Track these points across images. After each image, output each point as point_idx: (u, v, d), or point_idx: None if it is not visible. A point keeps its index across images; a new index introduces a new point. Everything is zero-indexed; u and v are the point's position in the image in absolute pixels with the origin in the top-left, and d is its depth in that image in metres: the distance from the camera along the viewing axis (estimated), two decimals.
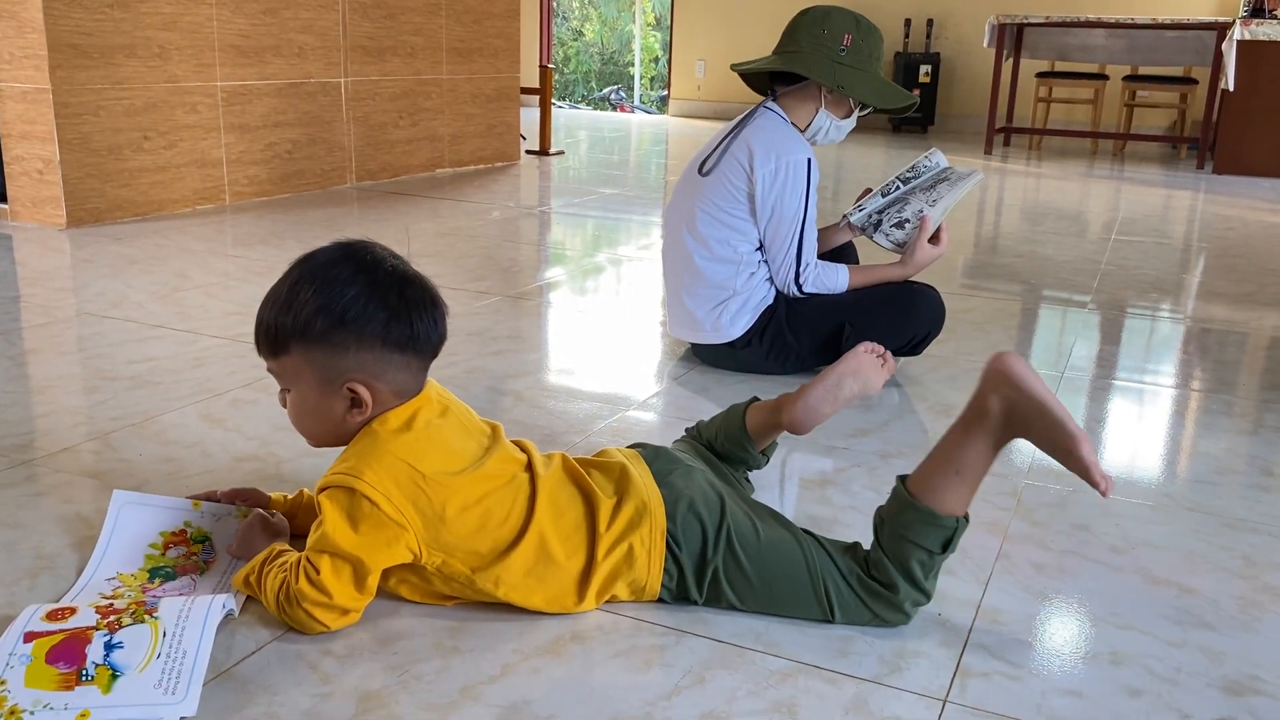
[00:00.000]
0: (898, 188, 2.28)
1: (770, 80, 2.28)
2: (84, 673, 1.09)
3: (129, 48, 3.74)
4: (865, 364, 1.52)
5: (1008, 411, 1.24)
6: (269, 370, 1.31)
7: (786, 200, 2.15)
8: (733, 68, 2.30)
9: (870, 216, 2.28)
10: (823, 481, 1.74)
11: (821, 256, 2.32)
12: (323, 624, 1.23)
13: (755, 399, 1.55)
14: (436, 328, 1.29)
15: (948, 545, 1.26)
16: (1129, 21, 6.79)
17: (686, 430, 1.62)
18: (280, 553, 1.29)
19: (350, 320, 1.23)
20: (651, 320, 2.76)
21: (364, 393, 1.25)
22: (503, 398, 2.11)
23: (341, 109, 4.71)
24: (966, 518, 1.27)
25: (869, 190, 2.36)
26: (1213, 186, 5.88)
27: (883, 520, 1.29)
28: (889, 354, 1.55)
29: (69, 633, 1.14)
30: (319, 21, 4.52)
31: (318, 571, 1.21)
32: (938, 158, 2.30)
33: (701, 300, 2.24)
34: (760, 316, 2.22)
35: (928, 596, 1.29)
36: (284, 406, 1.32)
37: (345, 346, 1.24)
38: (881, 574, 1.27)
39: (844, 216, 2.34)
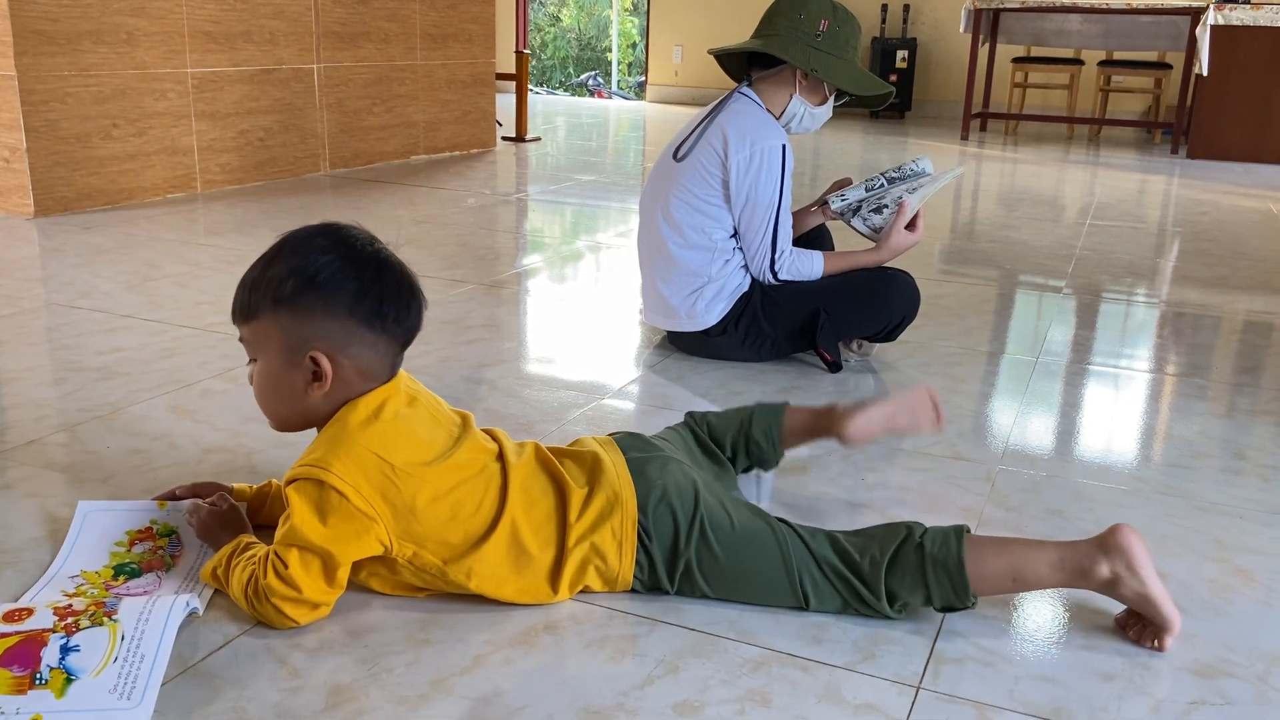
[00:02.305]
0: (882, 184, 2.27)
1: (747, 66, 2.26)
2: (38, 676, 1.07)
3: (96, 33, 3.69)
4: (923, 404, 1.58)
5: (1112, 581, 1.24)
6: (240, 340, 1.30)
7: (761, 187, 2.14)
8: (710, 52, 2.29)
9: (850, 204, 2.27)
10: (797, 467, 1.74)
11: (796, 241, 2.31)
12: (292, 619, 1.21)
13: (787, 404, 1.59)
14: (409, 313, 1.28)
15: (943, 609, 1.27)
16: (1104, 6, 6.80)
17: (688, 415, 1.61)
18: (247, 545, 1.27)
19: (320, 284, 1.22)
20: (628, 308, 2.75)
21: (325, 364, 1.23)
22: (478, 386, 2.10)
23: (314, 95, 4.67)
24: (976, 601, 1.27)
25: (849, 181, 2.35)
26: (1187, 171, 5.92)
27: (919, 545, 1.26)
28: (943, 410, 1.60)
29: (24, 635, 1.12)
30: (290, 7, 4.47)
31: (286, 565, 1.19)
32: (925, 164, 2.29)
33: (676, 287, 2.23)
34: (736, 304, 2.21)
35: (889, 618, 1.28)
36: (252, 382, 1.31)
37: (312, 311, 1.23)
38: (871, 577, 1.26)
39: (823, 198, 2.32)
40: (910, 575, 1.26)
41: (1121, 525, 1.26)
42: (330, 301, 1.23)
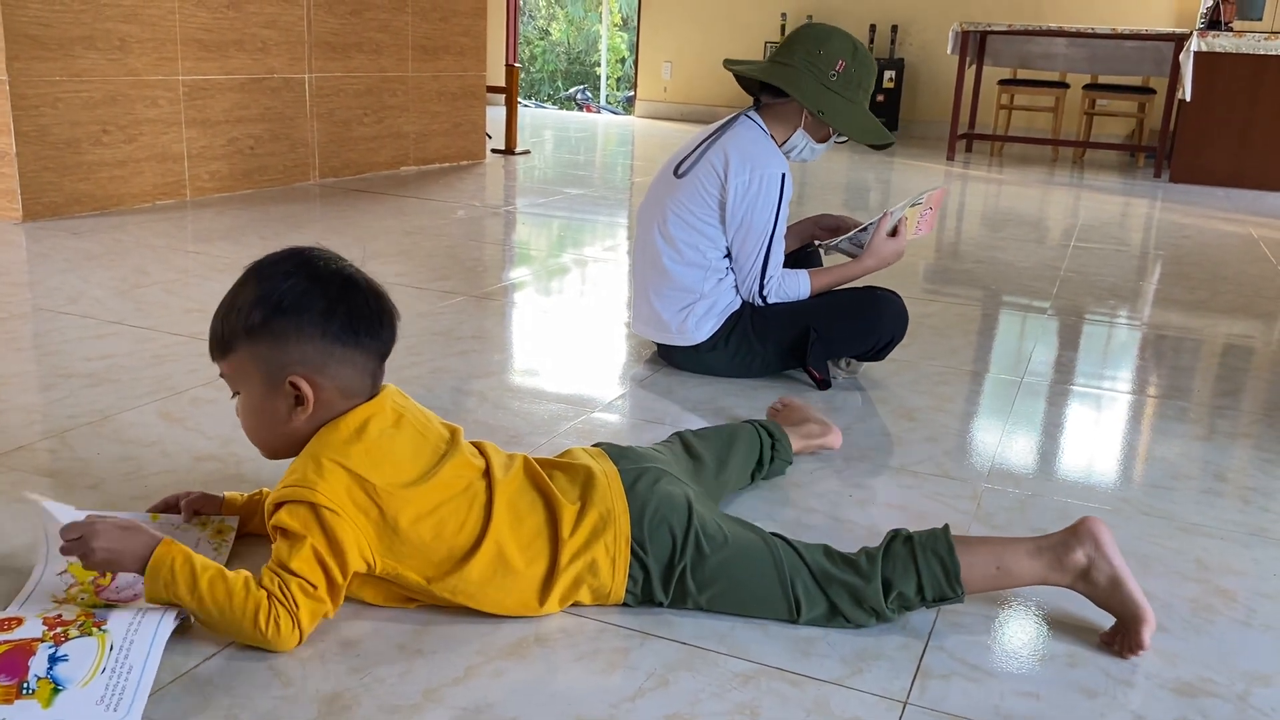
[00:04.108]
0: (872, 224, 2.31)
1: (760, 86, 2.27)
2: (25, 686, 1.07)
3: (89, 39, 3.69)
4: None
5: (1086, 568, 1.30)
6: (221, 375, 1.30)
7: (757, 213, 2.16)
8: (726, 64, 2.29)
9: (842, 237, 2.32)
10: (786, 483, 1.75)
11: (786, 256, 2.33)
12: (304, 633, 1.20)
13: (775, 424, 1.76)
14: (381, 325, 1.28)
15: (935, 600, 1.30)
16: (1090, 31, 6.88)
17: (677, 434, 1.63)
18: (184, 561, 1.17)
19: (287, 309, 1.22)
20: (616, 321, 2.76)
21: (305, 388, 1.23)
22: (467, 398, 2.10)
23: (305, 105, 4.67)
24: (964, 594, 1.30)
25: (830, 216, 2.40)
26: (1169, 195, 5.98)
27: (908, 538, 1.32)
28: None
29: (13, 644, 1.12)
30: (283, 16, 4.48)
31: (293, 573, 1.17)
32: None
33: (669, 302, 2.24)
34: (726, 321, 2.23)
35: (882, 616, 1.30)
36: (239, 416, 1.31)
37: (285, 337, 1.23)
38: (868, 570, 1.29)
39: (819, 245, 2.37)
40: (902, 563, 1.29)
41: (1088, 516, 1.33)
42: (300, 324, 1.23)
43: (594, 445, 1.46)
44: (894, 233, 2.24)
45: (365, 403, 1.27)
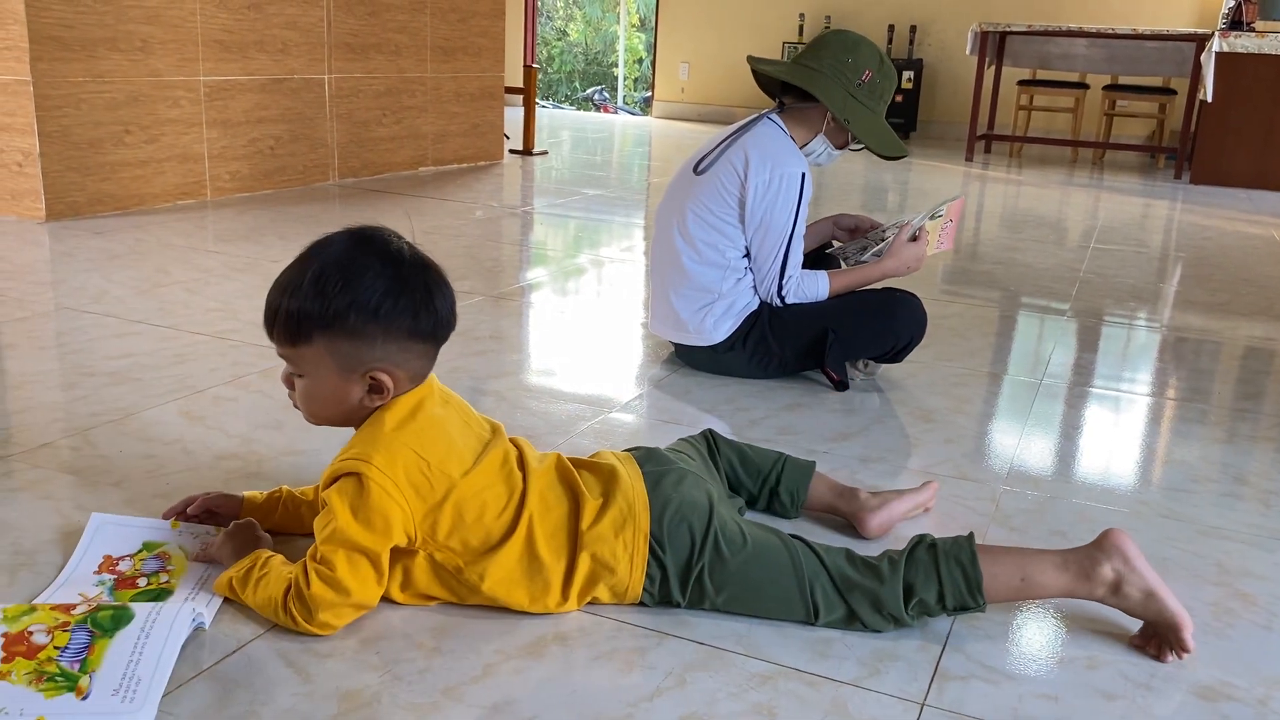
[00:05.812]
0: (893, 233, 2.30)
1: (782, 88, 2.27)
2: (45, 675, 1.09)
3: (111, 40, 3.72)
4: (932, 499, 1.67)
5: (1116, 583, 1.28)
6: (281, 355, 1.30)
7: (777, 212, 2.16)
8: (750, 60, 2.29)
9: (859, 245, 2.31)
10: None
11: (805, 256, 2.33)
12: (335, 626, 1.23)
13: (814, 465, 1.62)
14: (453, 314, 1.32)
15: (956, 609, 1.29)
16: (1110, 31, 6.85)
17: (709, 431, 1.62)
18: (268, 559, 1.28)
19: (383, 315, 1.24)
20: (633, 322, 2.76)
21: (386, 380, 1.26)
22: (484, 398, 2.11)
23: (325, 105, 4.69)
24: (985, 604, 1.29)
25: (849, 216, 2.40)
26: (1190, 196, 5.94)
27: (931, 545, 1.30)
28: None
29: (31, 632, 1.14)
30: (303, 18, 4.51)
31: (333, 568, 1.21)
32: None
33: (687, 301, 2.25)
34: (744, 321, 2.23)
35: (901, 622, 1.29)
36: (289, 388, 1.32)
37: (373, 339, 1.25)
38: (889, 575, 1.28)
39: (835, 246, 2.38)
40: (924, 570, 1.28)
41: (1112, 529, 1.31)
42: (390, 327, 1.25)
43: (625, 450, 1.46)
44: (914, 239, 2.25)
45: (416, 387, 1.30)
